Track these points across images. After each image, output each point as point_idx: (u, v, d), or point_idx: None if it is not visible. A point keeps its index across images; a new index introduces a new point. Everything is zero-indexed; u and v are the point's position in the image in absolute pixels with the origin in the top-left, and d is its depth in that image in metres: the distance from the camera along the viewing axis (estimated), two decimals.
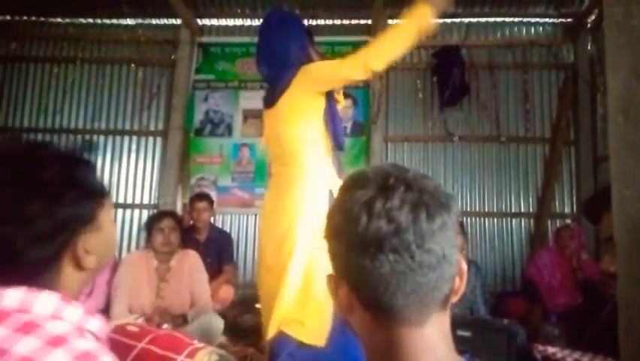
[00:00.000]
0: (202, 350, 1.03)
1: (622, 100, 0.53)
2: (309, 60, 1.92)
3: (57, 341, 0.59)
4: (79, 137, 4.72)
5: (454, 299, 0.63)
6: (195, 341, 1.12)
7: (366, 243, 0.56)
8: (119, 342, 1.02)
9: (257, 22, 4.79)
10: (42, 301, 0.63)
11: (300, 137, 1.81)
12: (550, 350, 2.26)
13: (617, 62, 0.57)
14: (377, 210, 0.56)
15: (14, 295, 0.62)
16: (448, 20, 4.67)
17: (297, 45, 1.90)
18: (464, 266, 0.63)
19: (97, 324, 0.67)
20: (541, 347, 2.32)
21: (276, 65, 1.88)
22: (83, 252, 0.70)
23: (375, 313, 0.59)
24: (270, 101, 1.91)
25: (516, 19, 4.68)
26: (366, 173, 0.61)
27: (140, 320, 2.31)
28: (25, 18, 4.78)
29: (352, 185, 0.61)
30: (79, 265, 0.69)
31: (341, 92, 2.06)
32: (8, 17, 4.76)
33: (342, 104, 2.08)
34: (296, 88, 1.82)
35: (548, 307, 3.40)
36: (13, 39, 4.80)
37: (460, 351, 0.60)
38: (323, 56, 2.03)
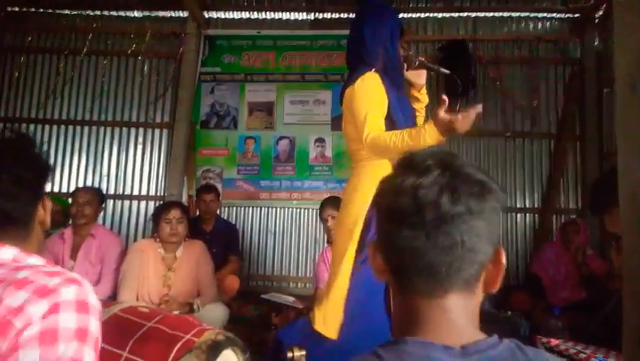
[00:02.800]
0: (209, 331, 1.05)
1: (629, 75, 0.55)
2: (391, 56, 1.87)
3: (51, 273, 0.74)
4: (85, 128, 4.75)
5: (491, 289, 0.64)
6: (204, 324, 1.14)
7: (391, 216, 0.60)
8: (129, 321, 1.04)
9: (263, 16, 4.80)
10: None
11: (357, 136, 1.77)
12: (554, 341, 2.27)
13: (625, 39, 0.58)
14: (406, 186, 0.59)
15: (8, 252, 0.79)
16: (455, 14, 4.66)
17: (377, 40, 1.84)
18: (503, 259, 0.63)
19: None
20: (544, 339, 2.33)
21: (355, 56, 1.89)
22: (43, 211, 0.90)
23: (398, 280, 0.63)
24: (342, 94, 1.91)
25: (523, 14, 4.66)
26: (413, 155, 0.64)
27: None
28: (33, 10, 4.80)
29: (399, 163, 0.65)
30: (41, 222, 0.90)
31: (424, 90, 2.04)
32: (17, 9, 4.79)
33: (424, 102, 2.07)
34: (351, 91, 1.81)
35: (551, 301, 3.41)
36: (21, 30, 4.83)
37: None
38: (407, 55, 1.95)
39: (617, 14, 0.60)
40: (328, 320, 1.70)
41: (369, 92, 1.78)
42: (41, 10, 4.82)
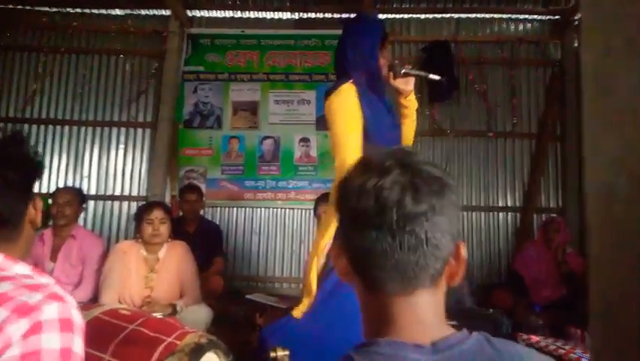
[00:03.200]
0: (192, 334, 1.04)
1: (594, 74, 0.57)
2: (371, 67, 1.92)
3: (33, 287, 0.72)
4: (66, 128, 4.67)
5: (453, 283, 0.65)
6: (186, 327, 1.13)
7: (355, 218, 0.60)
8: (110, 323, 1.03)
9: (247, 15, 4.78)
10: None
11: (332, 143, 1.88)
12: (534, 338, 2.32)
13: (589, 38, 0.60)
14: (368, 188, 0.59)
15: None
16: (438, 16, 4.70)
17: (357, 51, 1.91)
18: (464, 253, 0.65)
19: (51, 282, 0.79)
20: (525, 336, 2.38)
21: (338, 67, 1.97)
22: (34, 210, 0.89)
23: (365, 281, 0.63)
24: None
25: (505, 16, 4.73)
26: (371, 156, 0.65)
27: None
28: (11, 6, 4.70)
29: (358, 165, 0.65)
30: (32, 221, 0.88)
31: (412, 96, 2.03)
32: None
33: (413, 108, 2.06)
34: (328, 103, 1.89)
35: (533, 299, 3.47)
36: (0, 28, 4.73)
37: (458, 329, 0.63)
38: (392, 64, 2.01)
39: (583, 13, 0.62)
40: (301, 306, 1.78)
41: (342, 108, 1.84)
42: (19, 6, 4.72)
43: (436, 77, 2.00)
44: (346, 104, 1.85)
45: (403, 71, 1.97)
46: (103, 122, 4.67)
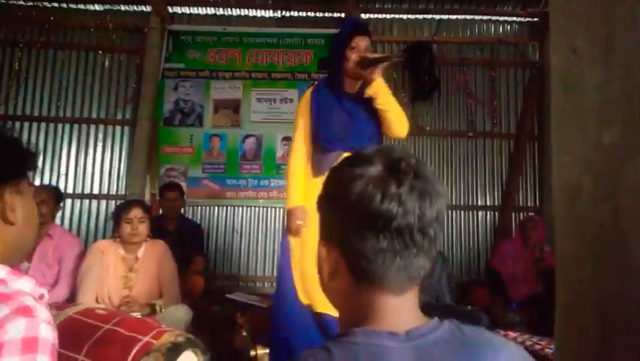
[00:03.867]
0: (168, 333, 1.03)
1: (561, 74, 0.58)
2: (333, 67, 2.11)
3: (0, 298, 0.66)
4: (42, 125, 4.56)
5: None
6: (163, 325, 1.12)
7: (375, 220, 0.60)
8: (85, 323, 1.01)
9: (229, 12, 4.74)
10: None
11: None
12: (511, 334, 2.36)
13: (557, 39, 0.62)
14: (391, 192, 0.61)
15: None
16: (420, 16, 4.74)
17: (330, 54, 2.21)
18: None
19: (28, 285, 0.74)
20: (502, 332, 2.42)
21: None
22: (7, 206, 0.79)
23: (360, 279, 0.64)
24: None
25: (485, 17, 4.80)
26: (369, 152, 0.66)
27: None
28: None
29: (357, 161, 0.65)
30: (6, 219, 0.79)
31: (377, 84, 2.03)
32: None
33: (382, 97, 2.07)
34: None
35: (511, 296, 3.53)
36: None
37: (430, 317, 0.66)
38: (362, 57, 2.03)
39: (552, 16, 0.63)
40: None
41: (297, 114, 2.23)
42: None
43: (396, 58, 2.08)
44: (298, 112, 2.21)
45: (360, 56, 2.01)
46: (81, 118, 4.58)
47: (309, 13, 4.70)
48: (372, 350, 0.59)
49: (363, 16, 4.70)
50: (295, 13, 4.74)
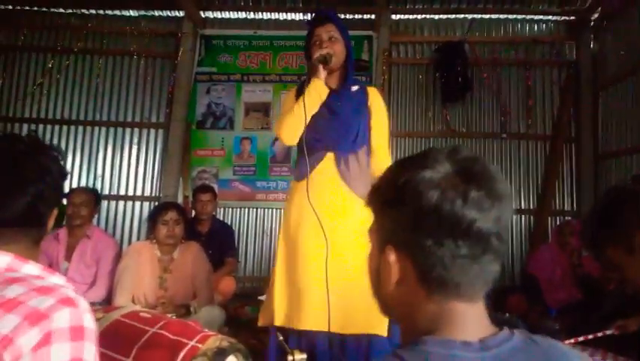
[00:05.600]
0: (213, 337, 1.04)
1: None
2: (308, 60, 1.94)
3: (43, 290, 0.71)
4: (80, 128, 4.71)
5: None
6: (206, 329, 1.13)
7: (455, 225, 0.59)
8: (131, 326, 1.02)
9: (260, 16, 4.78)
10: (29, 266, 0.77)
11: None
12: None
13: None
14: (471, 196, 0.59)
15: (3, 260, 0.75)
16: (452, 16, 4.67)
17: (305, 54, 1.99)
18: None
19: (61, 281, 0.79)
20: None
21: None
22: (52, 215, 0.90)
23: (433, 287, 0.62)
24: None
25: (519, 16, 4.69)
26: (433, 152, 0.64)
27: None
28: (27, 8, 4.75)
29: (422, 162, 0.63)
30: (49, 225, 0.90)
31: (315, 82, 1.83)
32: (10, 7, 4.73)
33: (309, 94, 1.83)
34: None
35: (548, 303, 3.43)
36: (15, 29, 4.78)
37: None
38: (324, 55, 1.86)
39: None
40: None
41: (285, 101, 2.06)
42: (35, 8, 4.77)
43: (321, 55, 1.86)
44: (286, 99, 2.06)
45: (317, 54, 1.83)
46: (116, 122, 4.70)
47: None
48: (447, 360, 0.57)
49: (393, 17, 4.67)
50: None
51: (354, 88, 1.95)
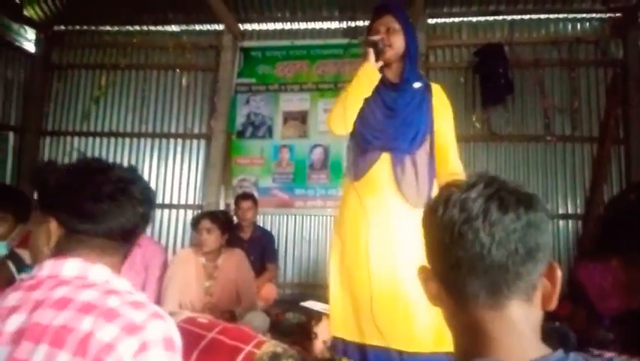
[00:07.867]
0: (267, 342, 1.07)
1: None
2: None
3: (136, 304, 0.78)
4: (126, 139, 4.91)
5: (548, 307, 0.63)
6: (259, 335, 1.16)
7: (441, 231, 0.61)
8: (190, 331, 1.07)
9: (296, 26, 4.86)
10: (96, 270, 0.84)
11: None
12: (608, 355, 2.20)
13: None
14: (453, 200, 0.61)
15: (73, 265, 0.82)
16: (491, 18, 4.59)
17: None
18: (558, 273, 0.63)
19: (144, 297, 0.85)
20: (596, 352, 2.25)
21: None
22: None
23: (456, 298, 0.63)
24: None
25: (561, 16, 4.55)
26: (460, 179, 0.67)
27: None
28: (78, 27, 5.02)
29: (446, 186, 0.67)
30: None
31: (366, 65, 1.77)
32: (62, 27, 5.01)
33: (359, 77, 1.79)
34: None
35: (599, 311, 3.29)
36: (67, 48, 5.05)
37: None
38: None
39: None
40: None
41: None
42: (85, 27, 5.03)
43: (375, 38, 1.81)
44: None
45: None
46: (161, 133, 4.88)
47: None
48: None
49: (430, 21, 4.64)
50: (360, 23, 4.76)
51: (417, 85, 1.82)
